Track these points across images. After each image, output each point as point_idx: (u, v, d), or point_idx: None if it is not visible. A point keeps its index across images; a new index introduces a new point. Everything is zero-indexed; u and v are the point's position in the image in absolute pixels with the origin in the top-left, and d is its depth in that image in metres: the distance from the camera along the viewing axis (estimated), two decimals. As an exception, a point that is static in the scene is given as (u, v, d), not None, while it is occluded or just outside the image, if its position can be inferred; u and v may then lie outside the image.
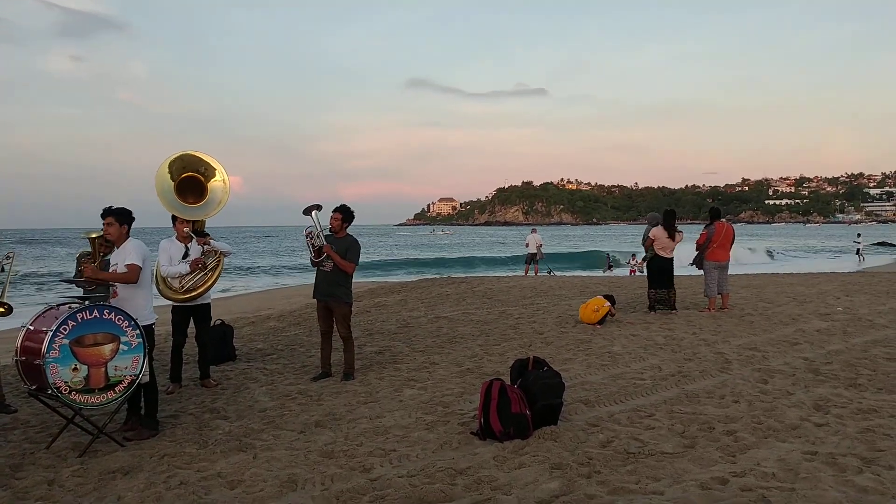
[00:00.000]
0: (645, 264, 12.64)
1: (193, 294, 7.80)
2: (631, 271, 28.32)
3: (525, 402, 5.73)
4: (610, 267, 29.99)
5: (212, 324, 8.74)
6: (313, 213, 8.05)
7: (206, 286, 7.86)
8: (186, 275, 7.75)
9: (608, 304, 11.29)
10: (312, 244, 8.11)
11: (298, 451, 5.59)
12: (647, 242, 12.35)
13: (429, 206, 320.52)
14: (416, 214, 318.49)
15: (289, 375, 8.44)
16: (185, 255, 7.78)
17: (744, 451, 5.17)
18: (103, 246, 7.05)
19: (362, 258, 8.53)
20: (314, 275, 8.32)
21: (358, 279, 27.61)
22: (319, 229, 8.07)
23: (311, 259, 8.21)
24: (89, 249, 7.19)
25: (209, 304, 8.22)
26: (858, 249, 40.69)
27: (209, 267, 7.88)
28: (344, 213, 8.14)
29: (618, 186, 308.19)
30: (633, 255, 31.16)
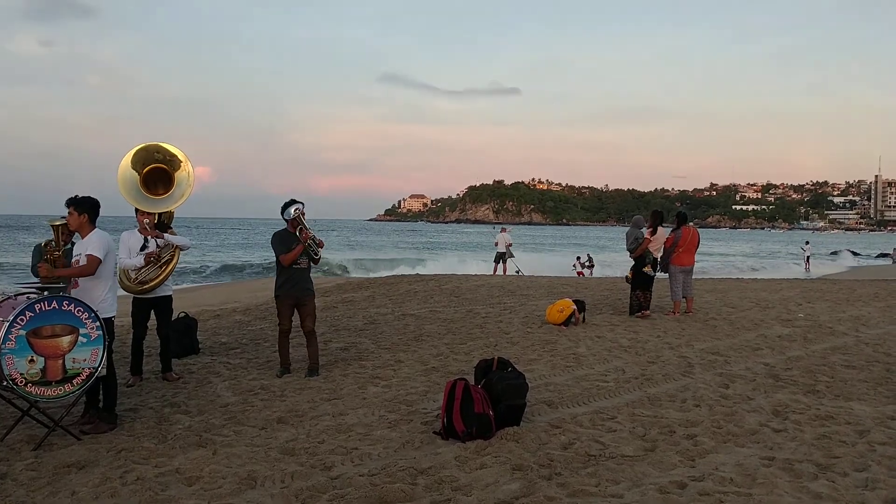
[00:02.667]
0: (651, 267, 12.09)
1: (146, 287, 7.68)
2: (578, 273, 28.64)
3: (488, 402, 5.74)
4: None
5: (175, 316, 8.63)
6: (293, 208, 7.95)
7: (158, 280, 7.73)
8: (141, 268, 7.65)
9: (574, 306, 11.34)
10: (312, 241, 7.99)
11: (259, 448, 5.54)
12: (644, 244, 12.01)
13: (400, 202, 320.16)
14: (386, 210, 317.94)
15: (252, 371, 8.36)
16: (144, 248, 7.67)
17: (703, 455, 5.23)
18: (66, 234, 6.92)
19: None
20: (280, 272, 8.18)
21: (329, 275, 27.34)
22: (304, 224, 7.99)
23: (282, 257, 8.00)
24: (52, 238, 7.05)
25: (171, 296, 8.10)
26: (808, 257, 41.53)
27: (163, 260, 7.77)
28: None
29: (588, 188, 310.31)
30: (578, 258, 31.62)
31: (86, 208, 6.17)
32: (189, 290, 21.78)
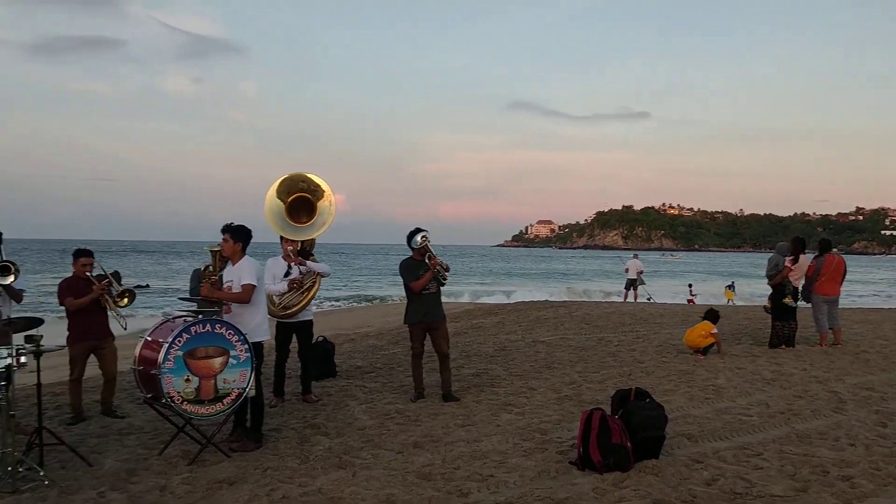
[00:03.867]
0: (791, 298, 11.46)
1: (289, 312, 8.01)
2: (689, 300, 27.42)
3: (626, 433, 5.61)
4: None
5: (314, 340, 8.95)
6: (419, 236, 8.12)
7: (300, 305, 8.05)
8: (285, 293, 7.97)
9: (716, 331, 10.91)
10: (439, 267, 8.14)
11: (396, 472, 5.64)
12: (784, 272, 11.42)
13: (527, 227, 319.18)
14: (514, 236, 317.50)
15: (387, 394, 8.54)
16: (287, 274, 8.01)
17: (861, 499, 4.90)
18: (223, 260, 7.34)
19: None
20: (410, 299, 8.33)
21: (458, 300, 27.62)
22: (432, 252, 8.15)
23: (412, 284, 8.15)
24: (210, 263, 7.47)
25: (311, 320, 8.42)
26: None
27: (305, 286, 8.08)
28: None
29: (721, 213, 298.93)
30: (690, 285, 30.36)
31: (241, 237, 6.49)
32: (324, 315, 22.53)
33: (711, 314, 11.31)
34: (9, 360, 5.26)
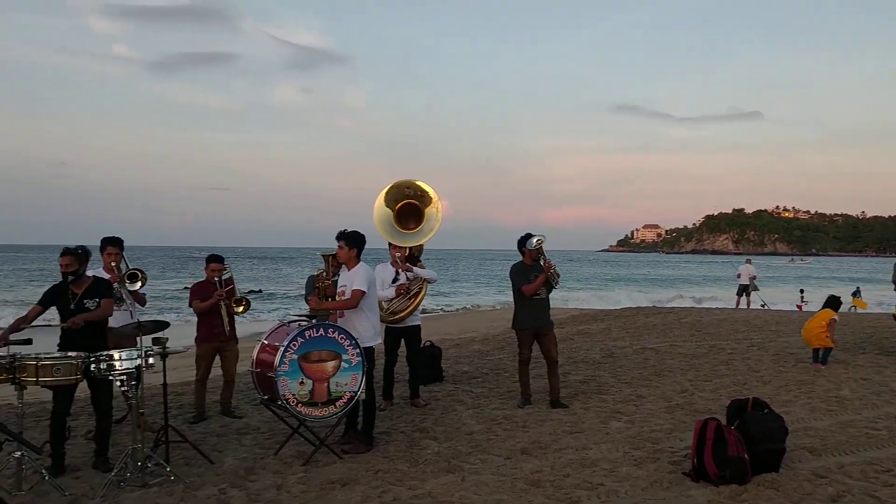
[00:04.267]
0: None
1: (397, 317, 8.13)
2: (798, 306, 26.05)
3: (743, 445, 5.41)
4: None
5: (421, 345, 9.05)
6: (535, 238, 8.09)
7: (408, 310, 8.16)
8: (392, 299, 8.10)
9: (836, 317, 10.41)
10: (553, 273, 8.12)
11: (505, 478, 5.63)
12: None
13: (632, 232, 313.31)
14: (619, 240, 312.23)
15: (494, 400, 8.54)
16: (395, 280, 8.14)
17: None
18: (335, 265, 7.54)
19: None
20: (519, 304, 8.31)
21: (564, 306, 27.38)
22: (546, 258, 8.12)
23: (524, 288, 8.12)
24: (323, 269, 7.67)
25: (419, 325, 8.52)
26: None
27: (412, 292, 8.18)
28: None
29: (841, 215, 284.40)
30: (802, 290, 28.85)
31: (355, 243, 6.63)
32: (430, 320, 22.77)
33: (832, 300, 10.75)
34: (138, 361, 5.56)
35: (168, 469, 5.72)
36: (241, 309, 7.76)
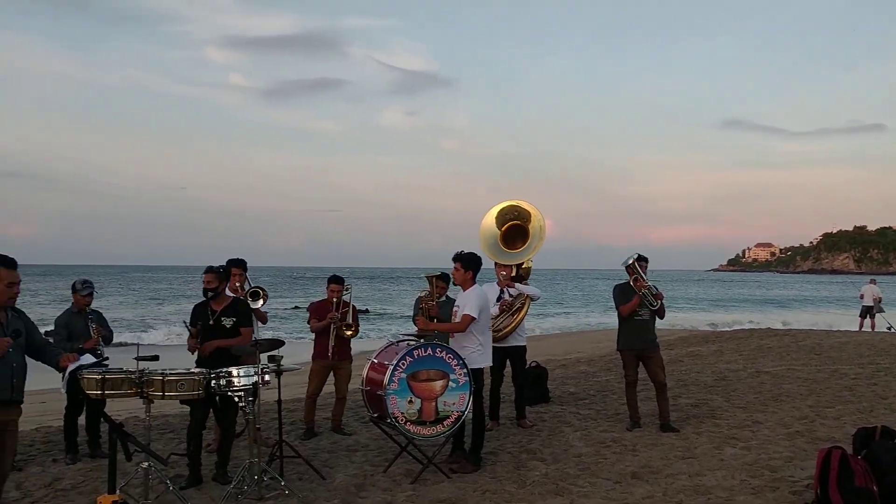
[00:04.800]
0: None
1: (499, 335, 8.11)
2: None
3: (871, 475, 5.12)
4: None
5: (527, 366, 9.01)
6: (629, 257, 8.00)
7: (509, 328, 8.14)
8: (496, 316, 8.10)
9: None
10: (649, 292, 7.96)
11: (615, 502, 5.53)
12: None
13: (744, 251, 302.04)
14: (729, 260, 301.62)
15: (602, 422, 8.41)
16: (500, 298, 8.16)
17: None
18: (441, 286, 7.63)
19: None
20: (621, 324, 8.18)
21: (672, 327, 26.72)
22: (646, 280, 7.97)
23: (621, 308, 8.01)
24: (427, 290, 7.77)
25: (525, 346, 8.50)
26: None
27: (514, 308, 8.17)
28: None
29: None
30: None
31: (471, 265, 6.69)
32: (535, 340, 22.62)
33: None
34: (255, 378, 5.77)
35: (283, 483, 5.90)
36: (349, 333, 7.90)
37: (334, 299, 7.91)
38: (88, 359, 5.19)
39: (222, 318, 6.38)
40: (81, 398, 6.27)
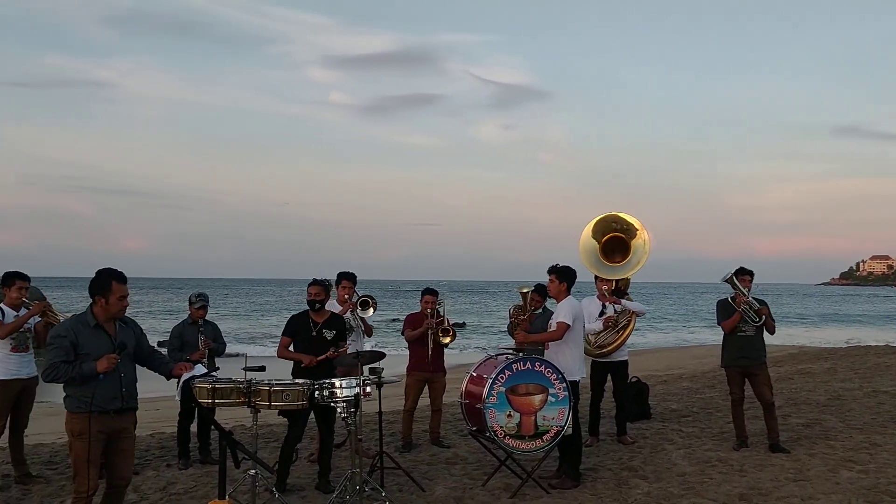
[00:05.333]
0: None
1: (604, 351, 8.02)
2: None
3: None
4: None
5: (628, 381, 8.84)
6: (731, 276, 7.73)
7: (615, 344, 8.03)
8: (600, 332, 7.99)
9: None
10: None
11: (722, 524, 5.35)
12: None
13: (858, 264, 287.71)
14: (842, 273, 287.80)
15: (706, 440, 8.15)
16: (602, 313, 8.03)
17: None
18: (536, 301, 7.60)
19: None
20: (725, 340, 7.92)
21: (782, 343, 25.74)
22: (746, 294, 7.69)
23: (722, 324, 7.77)
24: (520, 304, 7.76)
25: (626, 360, 8.36)
26: None
27: (620, 325, 8.03)
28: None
29: None
30: None
31: (565, 277, 6.65)
32: (635, 355, 22.17)
33: None
34: (357, 390, 5.88)
35: (383, 494, 5.98)
36: (447, 340, 7.96)
37: (428, 310, 7.99)
38: (200, 369, 5.40)
39: (324, 330, 6.56)
40: (193, 406, 6.52)
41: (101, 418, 4.68)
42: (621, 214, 8.25)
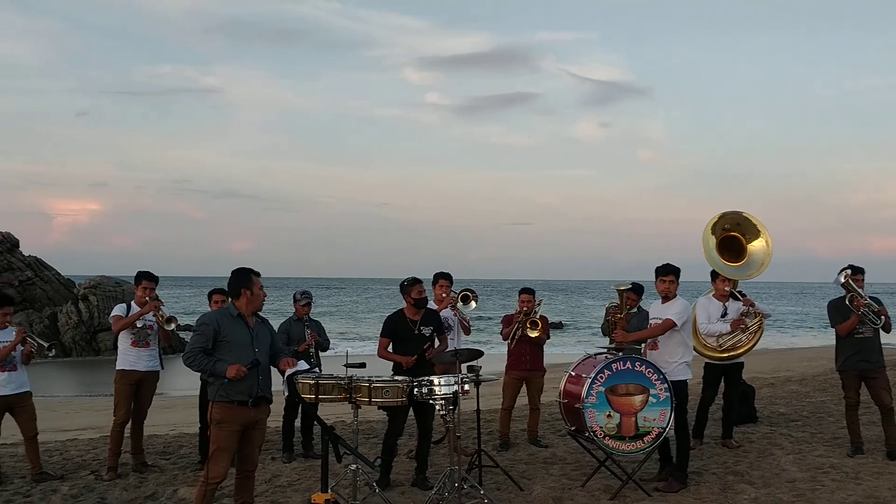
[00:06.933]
0: None
1: (731, 354, 7.70)
2: None
3: None
4: None
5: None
6: (840, 273, 7.37)
7: (745, 348, 7.71)
8: (725, 334, 7.69)
9: None
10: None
11: (836, 533, 5.11)
12: None
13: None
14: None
15: (817, 446, 7.80)
16: (724, 314, 7.73)
17: None
18: (631, 300, 7.44)
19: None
20: (840, 343, 7.55)
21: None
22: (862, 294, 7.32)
23: (838, 327, 7.42)
24: (616, 303, 7.61)
25: (742, 363, 8.07)
26: None
27: (750, 329, 7.72)
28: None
29: None
30: None
31: (679, 277, 6.55)
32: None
33: None
34: (455, 387, 5.91)
35: (482, 492, 6.00)
36: (534, 333, 7.81)
37: (524, 309, 7.95)
38: (303, 365, 5.55)
39: (422, 328, 6.64)
40: (297, 401, 6.71)
41: (240, 409, 5.00)
42: (744, 214, 7.98)
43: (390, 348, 6.76)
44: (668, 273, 6.53)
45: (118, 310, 7.16)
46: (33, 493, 6.45)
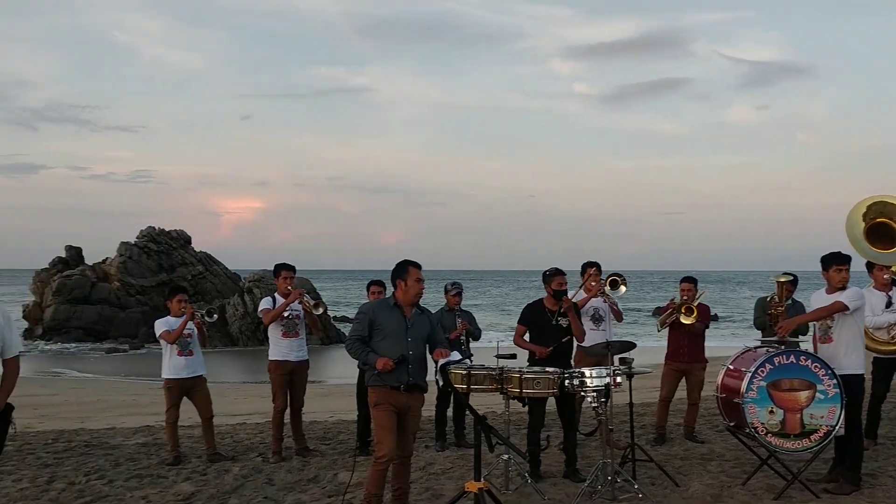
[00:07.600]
0: None
1: None
2: None
3: None
4: None
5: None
6: None
7: None
8: (895, 324, 7.14)
9: None
10: None
11: None
12: None
13: None
14: None
15: None
16: (889, 304, 7.19)
17: None
18: (789, 290, 7.04)
19: None
20: None
21: None
22: None
23: None
24: (775, 293, 7.21)
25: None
26: None
27: None
28: None
29: None
30: None
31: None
32: None
33: None
34: (607, 379, 5.83)
35: (636, 487, 5.88)
36: (687, 320, 7.53)
37: (685, 297, 7.71)
38: (455, 355, 5.65)
39: (559, 318, 6.56)
40: (449, 391, 6.83)
41: (392, 393, 5.20)
42: (886, 199, 7.36)
43: (526, 337, 6.74)
44: (846, 261, 6.08)
45: (265, 303, 7.49)
46: (208, 472, 6.93)
